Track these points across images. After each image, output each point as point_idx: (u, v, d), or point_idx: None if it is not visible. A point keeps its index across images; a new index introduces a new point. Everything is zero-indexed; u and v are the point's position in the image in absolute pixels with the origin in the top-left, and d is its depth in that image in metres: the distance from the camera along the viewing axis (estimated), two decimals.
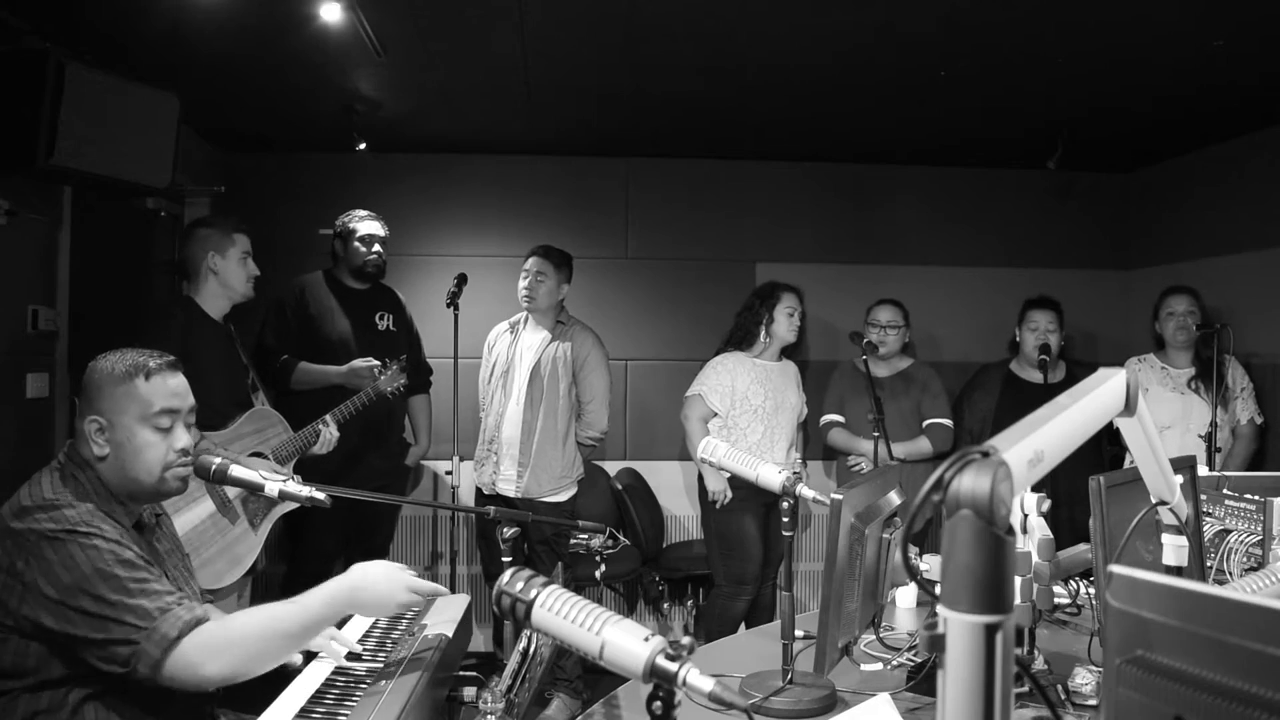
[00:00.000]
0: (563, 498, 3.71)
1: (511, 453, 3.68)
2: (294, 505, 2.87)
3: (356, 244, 3.74)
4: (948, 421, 3.97)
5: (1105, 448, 3.81)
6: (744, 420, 3.76)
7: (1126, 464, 3.71)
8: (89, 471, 1.68)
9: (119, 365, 1.72)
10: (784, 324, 3.82)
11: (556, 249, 3.76)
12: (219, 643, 1.53)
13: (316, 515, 3.08)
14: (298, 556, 3.73)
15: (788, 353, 3.99)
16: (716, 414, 3.78)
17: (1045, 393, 3.88)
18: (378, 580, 1.68)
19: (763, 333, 3.82)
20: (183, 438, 1.75)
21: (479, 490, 3.82)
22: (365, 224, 3.77)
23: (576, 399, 3.76)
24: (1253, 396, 3.78)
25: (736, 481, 3.66)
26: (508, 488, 3.69)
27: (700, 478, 3.85)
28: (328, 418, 3.23)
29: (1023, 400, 3.90)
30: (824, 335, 4.68)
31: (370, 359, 3.56)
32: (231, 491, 2.79)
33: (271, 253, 4.10)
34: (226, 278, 3.05)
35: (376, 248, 3.77)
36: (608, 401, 3.80)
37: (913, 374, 4.07)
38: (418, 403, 4.03)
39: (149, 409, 1.70)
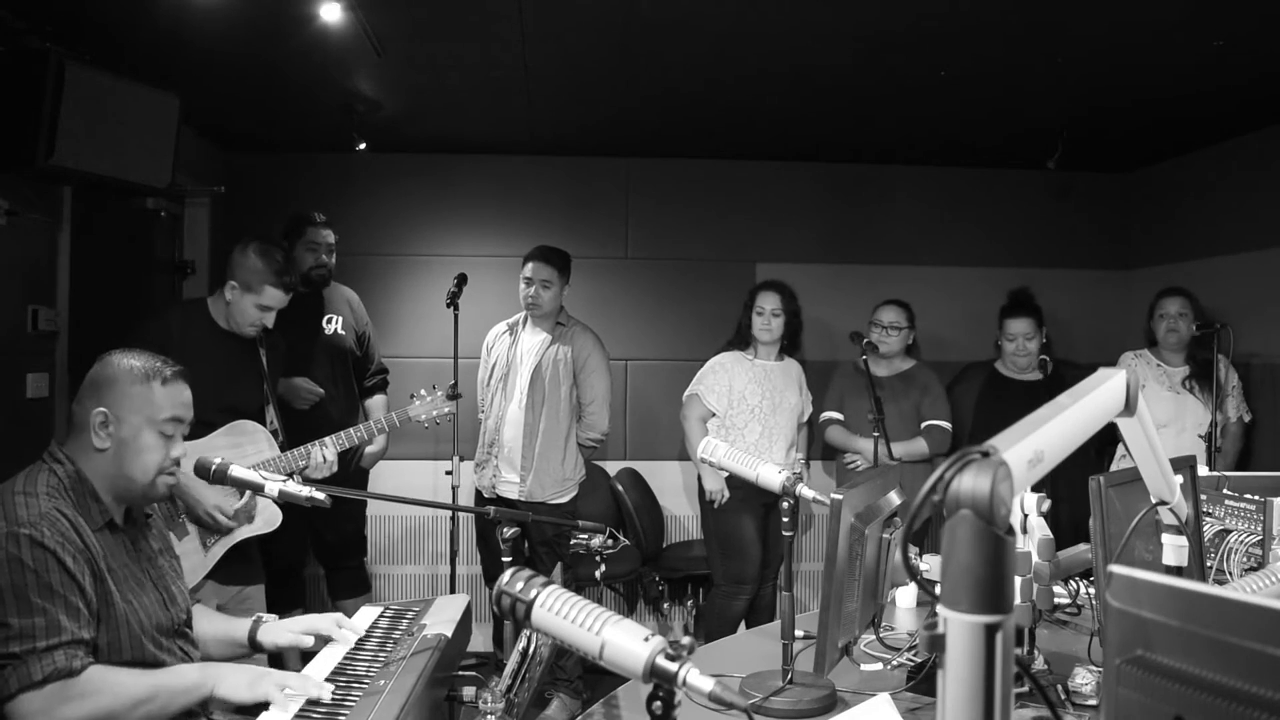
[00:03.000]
0: (564, 499, 3.70)
1: (512, 456, 3.67)
2: (259, 532, 2.86)
3: (302, 250, 3.68)
4: (946, 424, 3.96)
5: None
6: (741, 420, 3.75)
7: (1115, 464, 3.73)
8: (67, 466, 1.69)
9: (136, 365, 1.75)
10: (755, 322, 3.79)
11: (556, 251, 3.72)
12: (77, 702, 1.52)
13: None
14: (267, 564, 3.69)
15: (790, 352, 3.97)
16: (715, 414, 3.78)
17: (1025, 390, 3.92)
18: (240, 672, 1.70)
19: (750, 333, 3.82)
20: (179, 447, 1.80)
21: (479, 493, 3.80)
22: (311, 230, 3.69)
23: (577, 401, 3.75)
24: (1241, 394, 3.81)
25: (735, 482, 3.66)
26: (510, 491, 3.67)
27: (699, 478, 3.84)
28: (328, 440, 3.04)
29: (1005, 396, 3.94)
30: (824, 335, 4.67)
31: (313, 385, 3.53)
32: (183, 508, 2.70)
33: None
34: (233, 311, 2.93)
35: (323, 256, 3.71)
36: (608, 403, 3.79)
37: (914, 375, 4.06)
38: (375, 405, 3.94)
39: (159, 414, 1.75)
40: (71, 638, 1.55)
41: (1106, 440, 3.57)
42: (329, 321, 3.77)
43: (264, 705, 1.62)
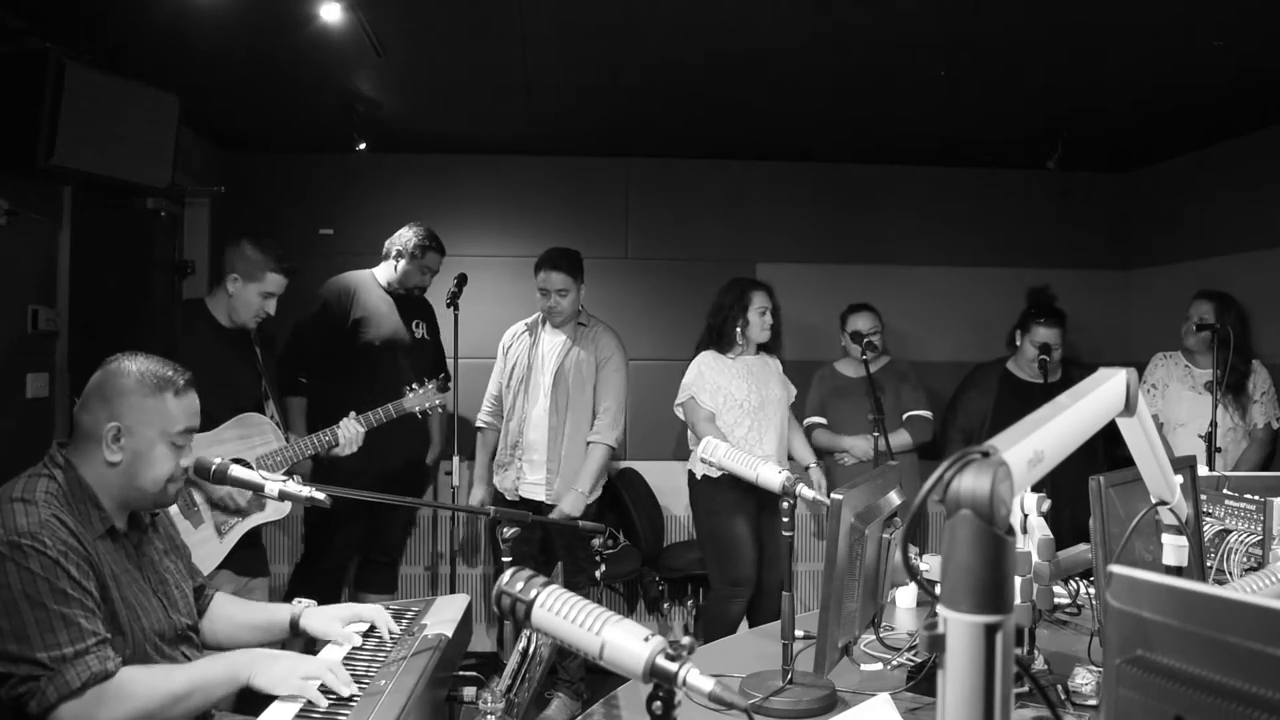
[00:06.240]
0: (589, 500, 3.63)
1: (537, 458, 3.62)
2: (270, 519, 2.94)
3: (415, 269, 3.76)
4: (928, 414, 4.08)
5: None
6: (730, 417, 3.68)
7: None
8: (69, 473, 1.65)
9: (148, 375, 1.71)
10: (756, 323, 3.72)
11: (566, 255, 3.66)
12: (115, 704, 1.52)
13: (332, 514, 3.09)
14: (314, 555, 3.73)
15: (770, 350, 3.93)
16: (714, 414, 3.74)
17: (1043, 393, 3.91)
18: (279, 661, 1.68)
19: (739, 335, 3.73)
20: (188, 456, 1.78)
21: (501, 496, 3.72)
22: (430, 255, 3.79)
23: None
24: (1274, 402, 3.78)
25: (727, 483, 3.64)
26: (534, 493, 3.62)
27: (690, 481, 3.81)
28: (351, 420, 3.16)
29: (1020, 400, 3.91)
30: (824, 335, 4.67)
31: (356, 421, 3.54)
32: (199, 496, 2.80)
33: None
34: (236, 303, 3.04)
35: (429, 279, 3.84)
36: (623, 409, 3.71)
37: (891, 369, 4.15)
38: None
39: (173, 426, 1.72)
40: (97, 639, 1.53)
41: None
42: (416, 326, 3.87)
43: (265, 703, 1.62)
